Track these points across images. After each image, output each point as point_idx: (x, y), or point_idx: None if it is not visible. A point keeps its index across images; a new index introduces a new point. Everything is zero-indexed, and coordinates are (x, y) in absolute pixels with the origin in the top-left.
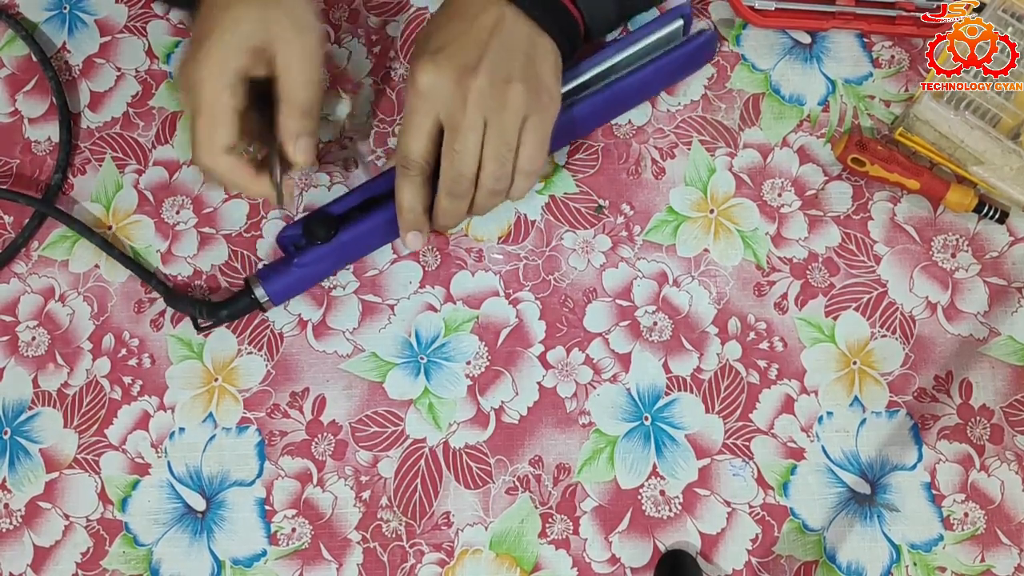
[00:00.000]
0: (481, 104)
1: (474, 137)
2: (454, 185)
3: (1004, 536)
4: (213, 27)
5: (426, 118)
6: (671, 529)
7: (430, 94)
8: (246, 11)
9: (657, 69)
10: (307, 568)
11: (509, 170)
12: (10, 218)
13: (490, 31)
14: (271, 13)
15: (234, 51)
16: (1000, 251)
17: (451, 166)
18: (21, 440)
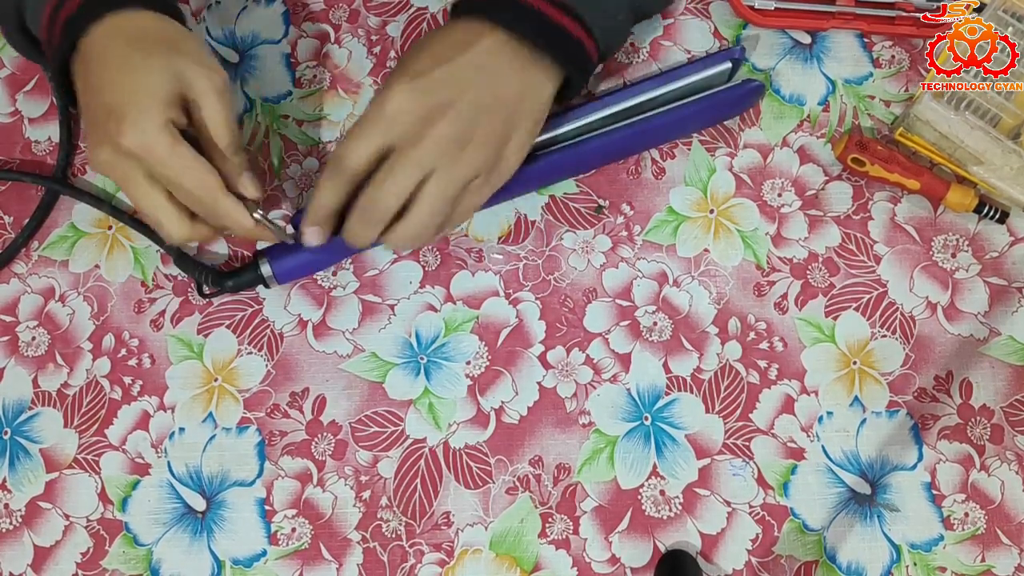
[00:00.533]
0: (437, 151)
1: (411, 178)
2: (369, 209)
3: (1004, 536)
4: (128, 89)
5: (380, 137)
6: (671, 529)
7: (394, 119)
8: (153, 63)
9: (695, 111)
10: (307, 568)
11: (441, 221)
12: (10, 218)
13: (477, 68)
14: (177, 61)
15: (161, 105)
16: (1000, 251)
17: (375, 190)
18: (21, 440)
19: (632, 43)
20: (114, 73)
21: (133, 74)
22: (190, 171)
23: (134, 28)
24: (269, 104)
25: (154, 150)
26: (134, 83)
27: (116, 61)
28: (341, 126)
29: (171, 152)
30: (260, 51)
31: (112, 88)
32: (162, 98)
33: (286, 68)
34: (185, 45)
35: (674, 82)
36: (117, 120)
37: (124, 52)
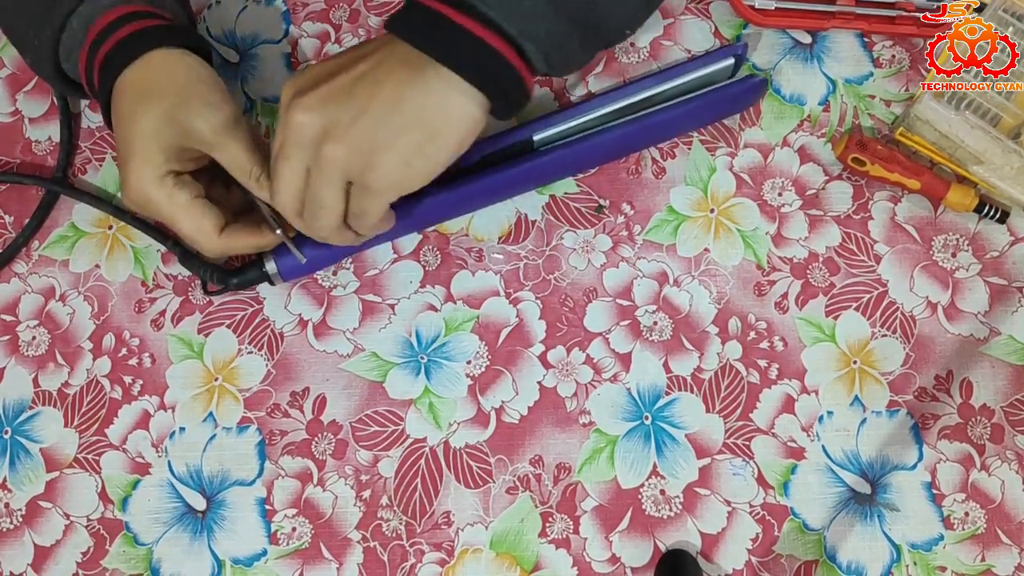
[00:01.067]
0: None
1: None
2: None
3: (1004, 536)
4: (127, 142)
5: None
6: (671, 528)
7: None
8: (150, 115)
9: (697, 108)
10: (307, 567)
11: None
12: (10, 218)
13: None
14: (178, 110)
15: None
16: (1000, 251)
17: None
18: (21, 439)
19: (632, 42)
20: (121, 127)
21: (135, 127)
22: (184, 221)
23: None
24: (269, 104)
25: (151, 203)
26: (134, 136)
27: (124, 115)
28: None
29: (167, 204)
30: (260, 51)
31: (120, 140)
32: (162, 150)
33: (286, 68)
34: (190, 90)
35: (676, 79)
36: (123, 172)
37: (130, 105)
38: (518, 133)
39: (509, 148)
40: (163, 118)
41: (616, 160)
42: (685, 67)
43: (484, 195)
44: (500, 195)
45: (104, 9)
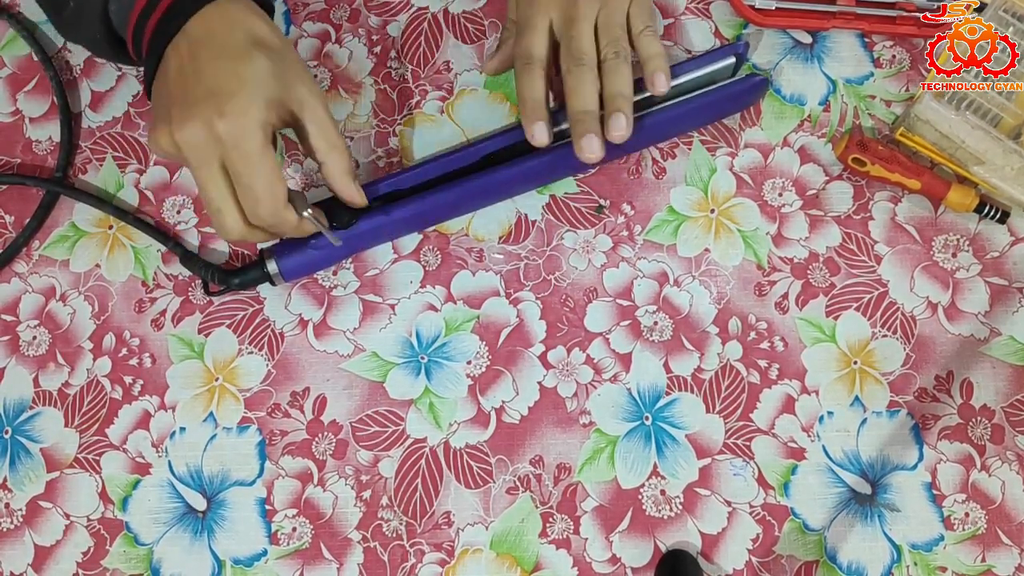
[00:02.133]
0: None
1: (588, 26)
2: (578, 64)
3: (1005, 536)
4: (238, 78)
5: (543, 19)
6: (672, 529)
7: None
8: (265, 63)
9: (699, 107)
10: (308, 568)
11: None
12: (11, 217)
13: None
14: (286, 69)
15: (265, 103)
16: (1001, 251)
17: (570, 52)
18: (22, 439)
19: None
20: (226, 60)
21: (246, 66)
22: (263, 178)
23: (247, 21)
24: None
25: (245, 143)
26: (245, 74)
27: (230, 50)
28: (342, 126)
29: (259, 151)
30: None
31: (221, 73)
32: (268, 97)
33: None
34: (288, 52)
35: (677, 78)
36: (218, 103)
37: (239, 43)
38: (518, 133)
39: (509, 148)
40: (274, 72)
41: (617, 160)
42: (686, 66)
43: (484, 195)
44: (500, 195)
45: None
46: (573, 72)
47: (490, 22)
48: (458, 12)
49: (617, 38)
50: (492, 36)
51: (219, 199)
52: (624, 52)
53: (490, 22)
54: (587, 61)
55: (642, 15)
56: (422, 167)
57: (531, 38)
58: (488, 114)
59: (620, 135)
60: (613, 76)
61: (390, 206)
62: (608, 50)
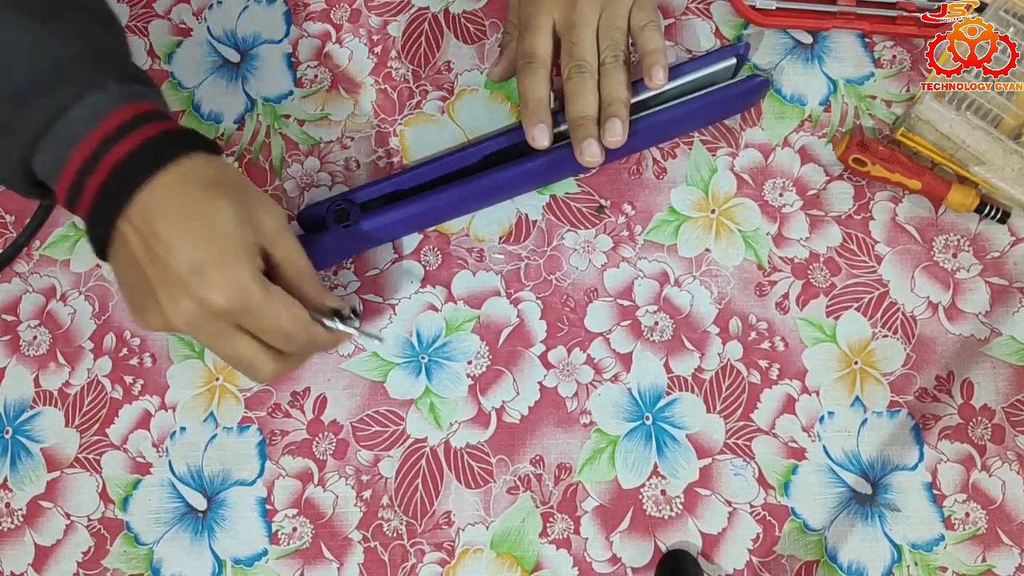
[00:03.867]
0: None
1: (589, 31)
2: (578, 67)
3: (1005, 536)
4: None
5: (545, 19)
6: (672, 529)
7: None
8: (230, 212)
9: (700, 107)
10: (308, 567)
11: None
12: (11, 217)
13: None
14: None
15: (250, 255)
16: (1002, 251)
17: (571, 57)
18: (22, 439)
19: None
20: (192, 226)
21: (214, 226)
22: (287, 314)
23: (196, 176)
24: (270, 104)
25: (251, 304)
26: (217, 236)
27: (191, 214)
28: (342, 125)
29: (266, 302)
30: (261, 51)
31: (192, 243)
32: (248, 248)
33: (287, 68)
34: (242, 187)
35: (678, 78)
36: (205, 279)
37: (198, 205)
38: (519, 133)
39: (509, 148)
40: (238, 214)
41: (617, 160)
42: (687, 67)
43: (485, 195)
44: (501, 195)
45: (122, 102)
46: (573, 78)
47: (490, 22)
48: (459, 12)
49: (617, 41)
50: (493, 36)
51: (245, 358)
52: (623, 55)
53: (490, 22)
54: (587, 67)
55: (644, 12)
56: (423, 167)
57: (533, 38)
58: (488, 114)
59: (615, 141)
60: (609, 80)
61: (391, 206)
62: (607, 53)
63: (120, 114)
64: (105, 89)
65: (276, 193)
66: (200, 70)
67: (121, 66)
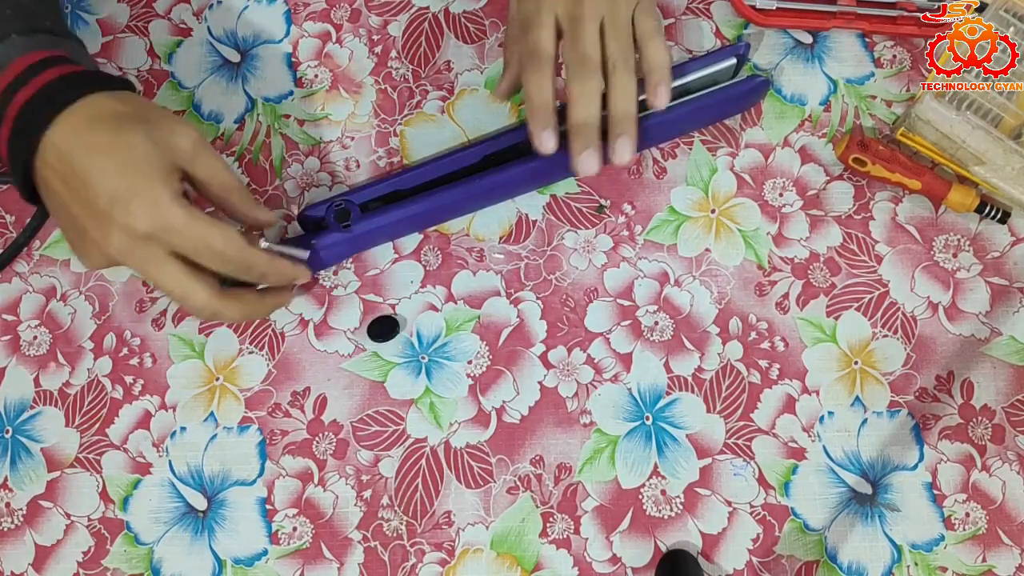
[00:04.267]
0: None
1: (593, 26)
2: (581, 66)
3: (1006, 536)
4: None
5: (547, 15)
6: (672, 529)
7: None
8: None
9: (699, 108)
10: (308, 567)
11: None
12: (11, 217)
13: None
14: (157, 131)
15: (166, 178)
16: (1002, 251)
17: (575, 52)
18: (23, 439)
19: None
20: (103, 159)
21: (125, 154)
22: (213, 233)
23: (100, 112)
24: (270, 104)
25: (174, 224)
26: (129, 163)
27: (101, 147)
28: (342, 125)
29: (191, 221)
30: (261, 51)
31: (106, 174)
32: (163, 170)
33: (287, 68)
34: (151, 113)
35: (678, 79)
36: (125, 208)
37: (105, 137)
38: (519, 133)
39: (509, 148)
40: (149, 139)
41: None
42: (687, 67)
43: (485, 195)
44: (501, 195)
45: (24, 51)
46: (577, 79)
47: (490, 22)
48: (459, 12)
49: (625, 45)
50: (493, 36)
51: (179, 285)
52: (631, 61)
53: (490, 22)
54: (592, 67)
55: (649, 16)
56: (423, 167)
57: (538, 33)
58: (489, 114)
59: (624, 161)
60: (619, 92)
61: (391, 206)
62: (617, 56)
63: (19, 63)
64: (5, 41)
65: (276, 193)
66: (200, 70)
67: (27, 17)
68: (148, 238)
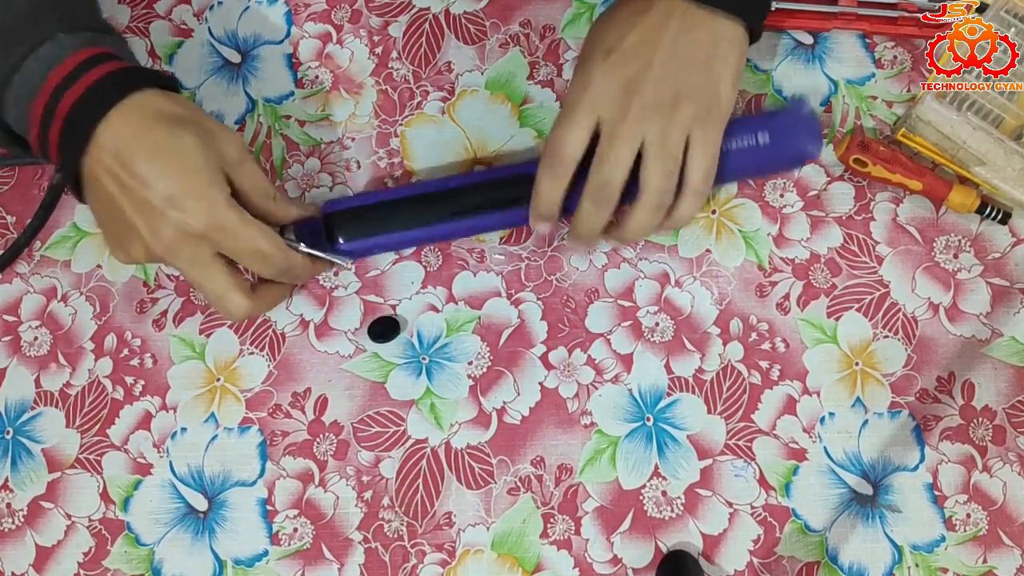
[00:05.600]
0: (643, 118)
1: (629, 149)
2: (599, 191)
3: (1006, 537)
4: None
5: (587, 118)
6: (673, 530)
7: (598, 96)
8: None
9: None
10: (308, 568)
11: (674, 185)
12: (12, 218)
13: (661, 30)
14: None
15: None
16: (1002, 252)
17: (600, 172)
18: (23, 440)
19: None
20: (160, 158)
21: (182, 155)
22: (262, 237)
23: (156, 110)
24: (271, 104)
25: (227, 226)
26: (187, 165)
27: (157, 146)
28: (343, 126)
29: (242, 224)
30: (262, 51)
31: (163, 173)
32: (217, 173)
33: (288, 68)
34: (201, 118)
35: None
36: (181, 204)
37: (162, 136)
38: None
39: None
40: (203, 143)
41: None
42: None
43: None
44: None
45: (72, 50)
46: (588, 200)
47: (491, 23)
48: (459, 13)
49: (663, 174)
50: (493, 36)
51: (220, 286)
52: (664, 196)
53: (491, 23)
54: (607, 197)
55: (704, 147)
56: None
57: (567, 134)
58: (489, 115)
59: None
60: (631, 226)
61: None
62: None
63: (69, 62)
64: (52, 40)
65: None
66: (201, 71)
67: (71, 15)
68: (200, 237)
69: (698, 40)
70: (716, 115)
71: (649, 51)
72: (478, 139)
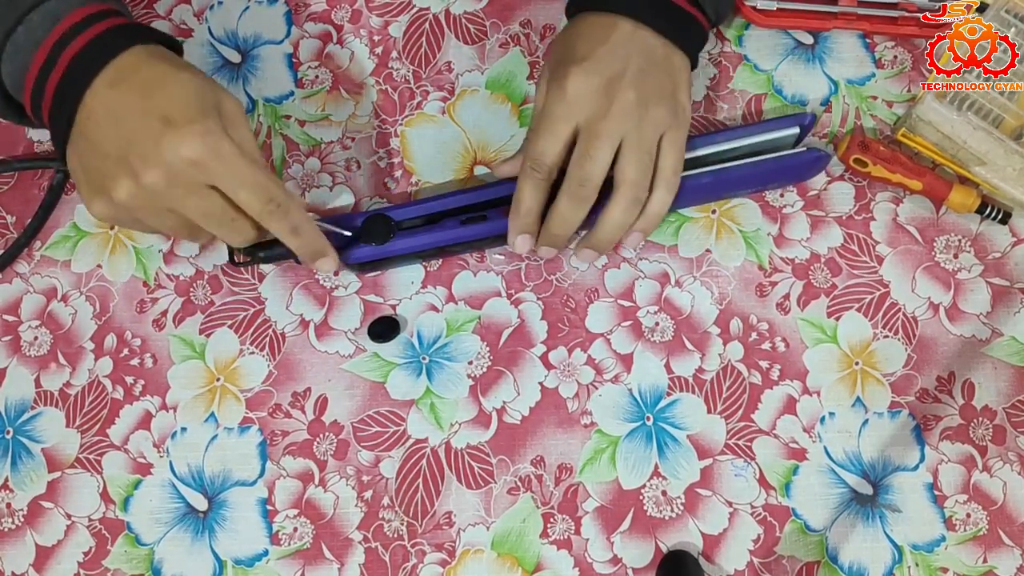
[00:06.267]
0: (623, 117)
1: (610, 146)
2: (579, 188)
3: (1007, 537)
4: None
5: (566, 124)
6: (673, 529)
7: (576, 101)
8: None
9: (753, 173)
10: (309, 568)
11: (648, 181)
12: (12, 218)
13: (627, 42)
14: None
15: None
16: (1003, 252)
17: (580, 169)
18: (23, 440)
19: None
20: (160, 89)
21: (184, 86)
22: (257, 168)
23: (160, 53)
24: (271, 104)
25: (223, 153)
26: (188, 94)
27: (159, 75)
28: (343, 126)
29: (238, 155)
30: (262, 51)
31: (163, 100)
32: (214, 111)
33: (288, 68)
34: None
35: (737, 140)
36: (176, 130)
37: (164, 68)
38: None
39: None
40: (202, 82)
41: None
42: (749, 129)
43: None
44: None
45: (79, 5)
46: (566, 196)
47: (491, 23)
48: (459, 13)
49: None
50: (493, 36)
51: (220, 213)
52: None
53: (491, 23)
54: (588, 192)
55: (672, 150)
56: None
57: (546, 144)
58: (489, 115)
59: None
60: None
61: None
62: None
63: (73, 16)
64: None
65: None
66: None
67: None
68: (194, 164)
69: (661, 55)
70: (683, 120)
71: (623, 57)
72: (478, 139)
